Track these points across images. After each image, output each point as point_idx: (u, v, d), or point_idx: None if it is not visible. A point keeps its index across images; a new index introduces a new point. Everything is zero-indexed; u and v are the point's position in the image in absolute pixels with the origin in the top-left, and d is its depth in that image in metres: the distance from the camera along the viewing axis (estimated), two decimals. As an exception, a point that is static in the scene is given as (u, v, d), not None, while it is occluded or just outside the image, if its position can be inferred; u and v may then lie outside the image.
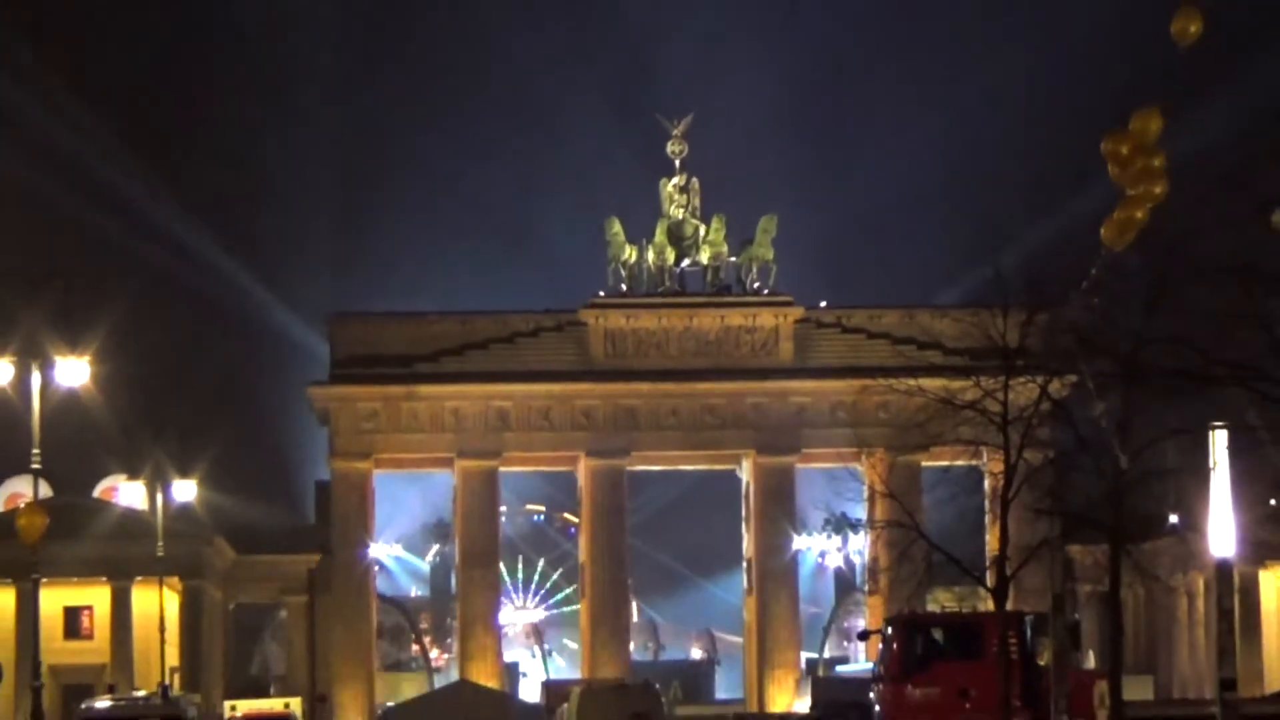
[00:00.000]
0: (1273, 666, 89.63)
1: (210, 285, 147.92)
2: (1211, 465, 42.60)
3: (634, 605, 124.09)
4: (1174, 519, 72.04)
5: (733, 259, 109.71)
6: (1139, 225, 36.02)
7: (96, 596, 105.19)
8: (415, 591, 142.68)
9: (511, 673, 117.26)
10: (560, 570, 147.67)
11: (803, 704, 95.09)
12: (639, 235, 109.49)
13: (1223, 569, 42.05)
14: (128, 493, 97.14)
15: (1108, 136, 35.39)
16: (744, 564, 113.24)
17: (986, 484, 71.67)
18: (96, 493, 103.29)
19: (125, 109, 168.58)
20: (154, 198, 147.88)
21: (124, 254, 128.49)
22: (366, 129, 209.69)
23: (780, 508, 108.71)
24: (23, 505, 75.06)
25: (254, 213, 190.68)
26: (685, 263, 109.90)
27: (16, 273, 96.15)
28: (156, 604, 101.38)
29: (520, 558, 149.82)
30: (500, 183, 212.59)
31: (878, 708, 57.70)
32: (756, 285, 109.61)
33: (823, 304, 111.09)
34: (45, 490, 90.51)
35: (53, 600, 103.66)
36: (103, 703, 63.33)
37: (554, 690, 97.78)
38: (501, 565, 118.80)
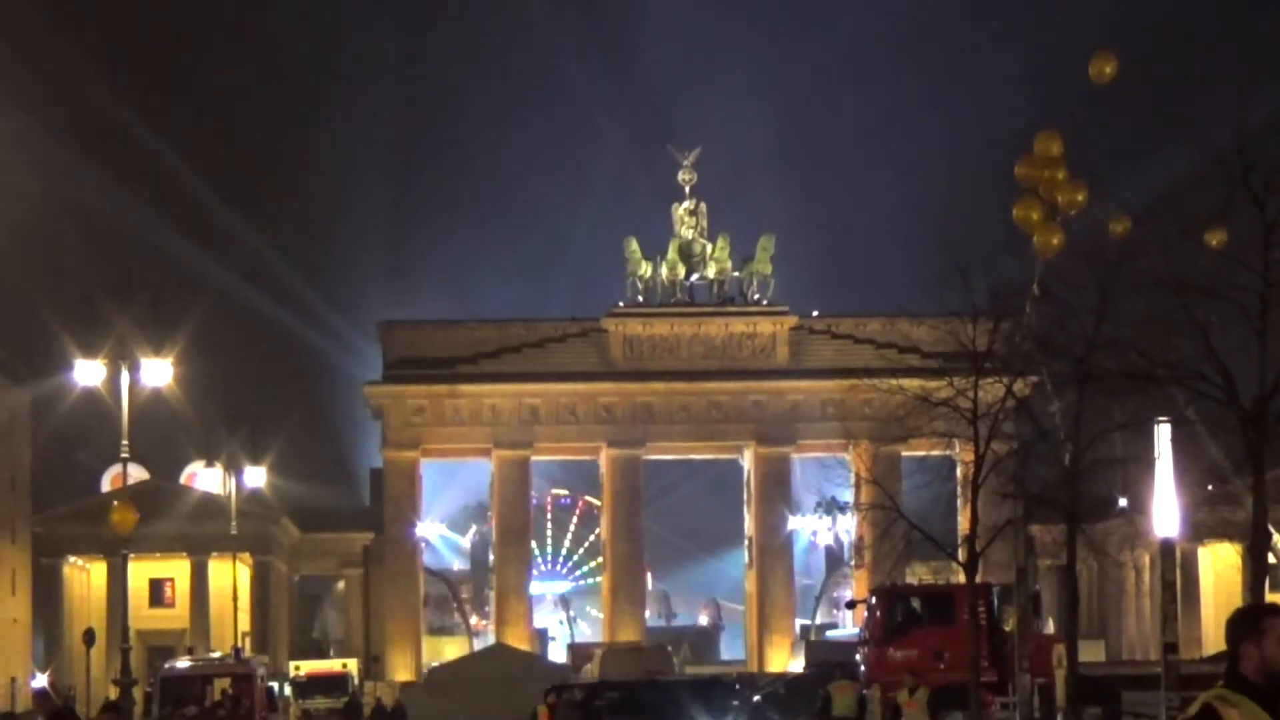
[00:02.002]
0: (1209, 632, 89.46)
1: (278, 296, 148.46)
2: (1156, 455, 42.80)
3: (649, 577, 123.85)
4: (1123, 502, 72.04)
5: (736, 274, 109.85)
6: (1061, 231, 36.23)
7: (178, 569, 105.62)
8: (457, 565, 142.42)
9: (541, 637, 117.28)
10: (584, 547, 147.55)
11: (797, 664, 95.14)
12: (653, 252, 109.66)
13: (1166, 546, 42.15)
14: (205, 478, 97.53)
15: (1020, 162, 35.67)
16: (745, 541, 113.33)
17: (958, 471, 71.45)
18: (182, 478, 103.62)
19: (201, 138, 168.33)
20: (228, 219, 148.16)
21: (202, 268, 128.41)
22: (413, 162, 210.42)
23: (777, 492, 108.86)
24: (117, 504, 75.20)
25: (314, 231, 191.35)
26: (694, 277, 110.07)
27: (108, 285, 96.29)
28: (230, 576, 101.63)
29: (550, 535, 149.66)
30: (532, 204, 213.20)
31: (863, 668, 57.75)
32: (756, 297, 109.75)
33: (814, 313, 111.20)
34: (141, 474, 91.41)
35: (139, 573, 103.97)
36: (183, 662, 63.65)
37: (579, 652, 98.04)
38: (533, 542, 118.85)
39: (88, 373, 63.62)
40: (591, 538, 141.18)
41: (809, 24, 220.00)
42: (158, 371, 64.18)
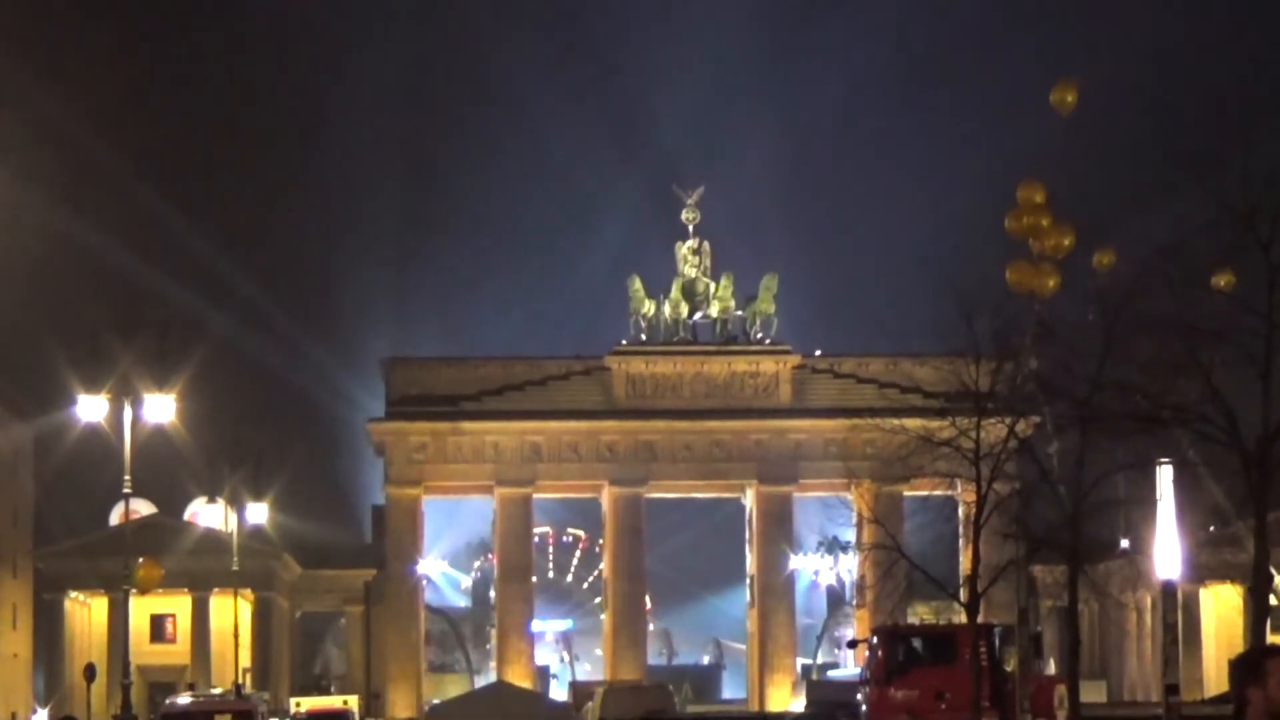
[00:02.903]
0: (1211, 674, 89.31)
1: (280, 334, 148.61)
2: (1158, 496, 42.88)
3: (650, 616, 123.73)
4: (1125, 543, 72.11)
5: (739, 312, 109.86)
6: (1054, 273, 36.44)
7: (179, 605, 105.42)
8: (459, 602, 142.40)
9: (543, 675, 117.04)
10: (585, 583, 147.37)
11: (798, 704, 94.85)
12: (657, 291, 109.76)
13: (1168, 588, 42.20)
14: (207, 514, 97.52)
15: (1009, 215, 36.01)
16: (747, 580, 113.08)
17: (960, 511, 71.68)
18: (185, 515, 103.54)
19: (202, 179, 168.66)
20: (231, 258, 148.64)
21: (205, 307, 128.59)
22: (417, 200, 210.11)
23: (779, 531, 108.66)
24: (143, 561, 75.23)
25: (318, 270, 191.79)
26: (697, 315, 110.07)
27: (112, 321, 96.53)
28: (232, 613, 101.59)
29: (550, 572, 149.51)
30: (537, 243, 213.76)
31: (864, 707, 57.67)
32: (759, 336, 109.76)
33: (817, 352, 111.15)
34: (148, 508, 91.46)
35: (141, 609, 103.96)
36: (184, 699, 63.42)
37: (580, 690, 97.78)
38: (534, 581, 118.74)
39: (91, 408, 63.78)
40: (592, 577, 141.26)
41: (817, 65, 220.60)
42: (161, 407, 64.38)
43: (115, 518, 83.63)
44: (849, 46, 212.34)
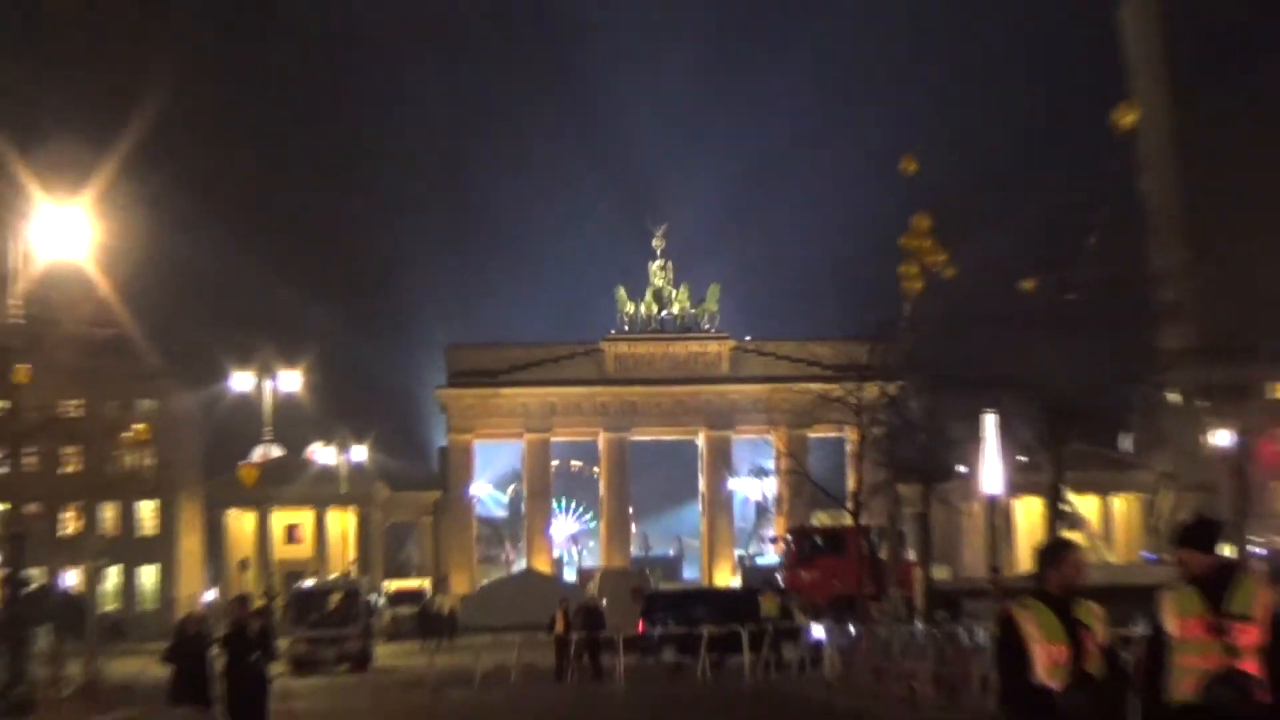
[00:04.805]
0: (1021, 559, 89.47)
1: (375, 327, 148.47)
2: (984, 436, 42.70)
3: (632, 522, 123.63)
4: (962, 468, 72.15)
5: (692, 310, 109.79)
6: (920, 279, 36.47)
7: (305, 518, 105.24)
8: (499, 514, 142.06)
9: (558, 564, 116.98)
10: (586, 503, 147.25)
11: (736, 581, 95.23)
12: (636, 295, 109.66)
13: (991, 500, 42.18)
14: (323, 454, 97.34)
15: (903, 238, 36.01)
16: (699, 497, 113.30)
17: (847, 448, 71.85)
18: (306, 454, 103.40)
19: (302, 212, 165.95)
20: (335, 277, 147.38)
21: (317, 310, 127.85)
22: (465, 228, 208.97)
23: (722, 462, 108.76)
24: (242, 464, 75.30)
25: (393, 284, 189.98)
26: (664, 313, 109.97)
27: (255, 316, 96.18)
28: (341, 523, 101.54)
29: (563, 494, 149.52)
30: (551, 260, 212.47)
31: (782, 584, 57.94)
32: (707, 327, 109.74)
33: (748, 338, 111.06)
34: (279, 451, 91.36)
35: (279, 520, 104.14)
36: (309, 582, 63.35)
37: (584, 574, 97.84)
38: (553, 501, 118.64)
39: (241, 381, 63.65)
40: (592, 495, 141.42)
41: (759, 110, 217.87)
42: (291, 380, 64.25)
43: (257, 456, 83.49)
44: (782, 94, 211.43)
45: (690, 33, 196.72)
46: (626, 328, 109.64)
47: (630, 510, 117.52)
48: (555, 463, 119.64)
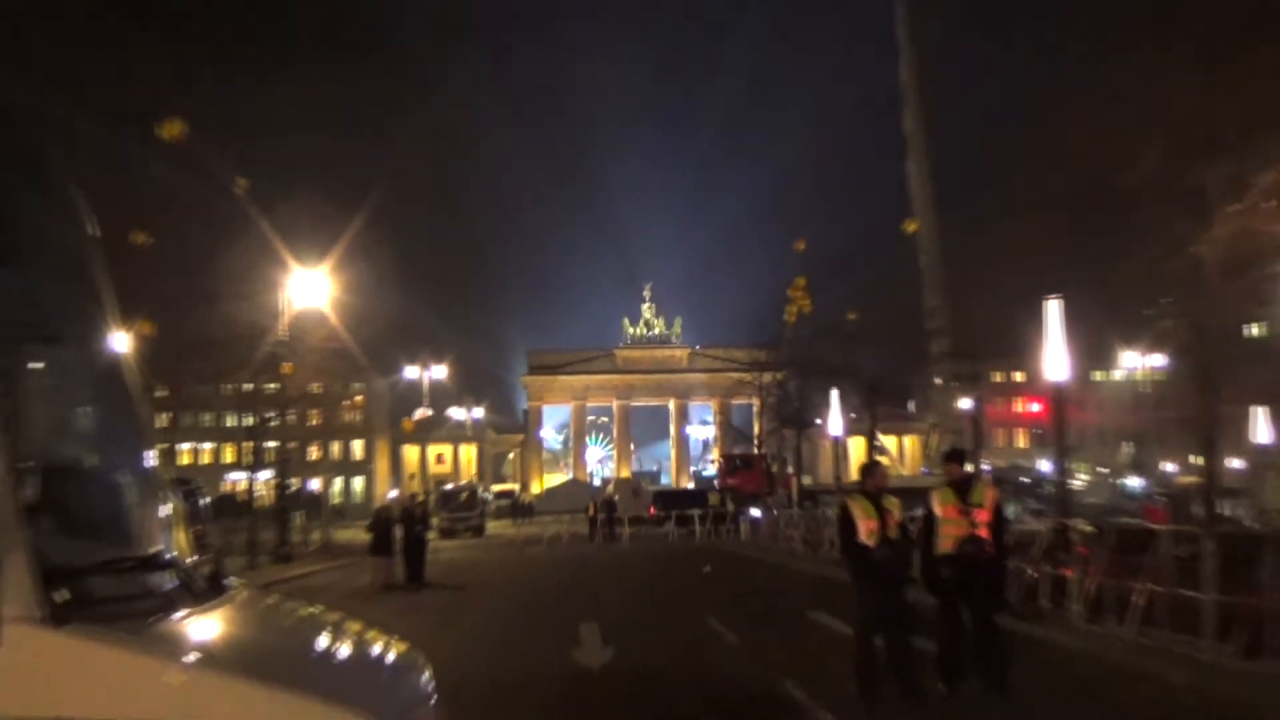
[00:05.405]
0: (852, 472, 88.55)
1: (487, 336, 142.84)
2: (832, 404, 42.52)
3: (632, 449, 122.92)
4: (819, 421, 71.83)
5: (667, 332, 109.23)
6: (796, 313, 36.12)
7: (446, 450, 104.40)
8: (557, 447, 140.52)
9: (590, 476, 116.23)
10: (606, 440, 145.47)
11: (691, 485, 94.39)
12: (635, 323, 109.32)
13: (836, 440, 42.04)
14: (457, 414, 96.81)
15: (789, 289, 35.62)
16: (670, 438, 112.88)
17: (754, 409, 71.72)
18: (446, 413, 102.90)
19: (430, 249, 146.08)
20: (452, 297, 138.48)
21: (453, 326, 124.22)
22: (517, 269, 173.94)
23: (683, 419, 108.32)
24: (405, 420, 74.09)
25: (490, 309, 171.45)
26: (652, 333, 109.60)
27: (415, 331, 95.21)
28: (467, 453, 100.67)
29: (593, 435, 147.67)
30: (585, 300, 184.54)
31: (719, 486, 57.60)
32: (675, 341, 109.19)
33: (698, 347, 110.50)
34: (430, 412, 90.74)
35: (432, 451, 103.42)
36: (450, 486, 63.02)
37: (605, 482, 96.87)
38: (587, 439, 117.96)
39: (410, 371, 63.36)
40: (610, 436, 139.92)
41: (719, 182, 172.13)
42: (439, 370, 63.94)
43: (417, 415, 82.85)
44: (738, 189, 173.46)
45: (672, 153, 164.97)
46: (629, 342, 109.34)
47: (631, 445, 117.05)
48: (591, 418, 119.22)
